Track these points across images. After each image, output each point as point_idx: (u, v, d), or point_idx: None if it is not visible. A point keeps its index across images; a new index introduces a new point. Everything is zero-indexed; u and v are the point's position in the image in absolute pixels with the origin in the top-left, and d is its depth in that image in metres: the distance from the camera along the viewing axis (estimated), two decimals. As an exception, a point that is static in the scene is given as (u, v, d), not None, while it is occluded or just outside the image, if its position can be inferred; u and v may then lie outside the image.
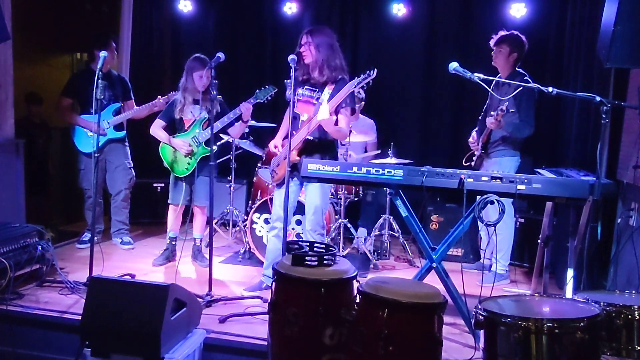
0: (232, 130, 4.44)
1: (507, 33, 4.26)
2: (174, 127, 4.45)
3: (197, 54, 4.38)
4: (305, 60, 3.71)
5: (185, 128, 4.40)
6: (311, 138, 3.72)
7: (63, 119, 5.00)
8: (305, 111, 3.77)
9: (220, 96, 4.39)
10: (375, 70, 3.41)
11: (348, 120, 3.75)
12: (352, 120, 3.84)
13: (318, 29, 3.75)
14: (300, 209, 4.17)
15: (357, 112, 5.12)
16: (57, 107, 4.91)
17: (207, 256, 3.88)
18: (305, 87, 3.77)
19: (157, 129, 4.44)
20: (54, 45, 6.22)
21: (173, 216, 4.54)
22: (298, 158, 3.60)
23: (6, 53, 4.40)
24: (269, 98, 4.23)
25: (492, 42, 4.28)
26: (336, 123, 3.66)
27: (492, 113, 3.98)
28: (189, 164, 4.39)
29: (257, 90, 4.23)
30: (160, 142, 4.46)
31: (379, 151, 5.36)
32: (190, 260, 4.66)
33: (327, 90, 3.68)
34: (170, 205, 4.54)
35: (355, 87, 3.47)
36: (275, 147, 3.89)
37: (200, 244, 4.65)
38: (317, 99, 3.70)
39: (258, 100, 4.21)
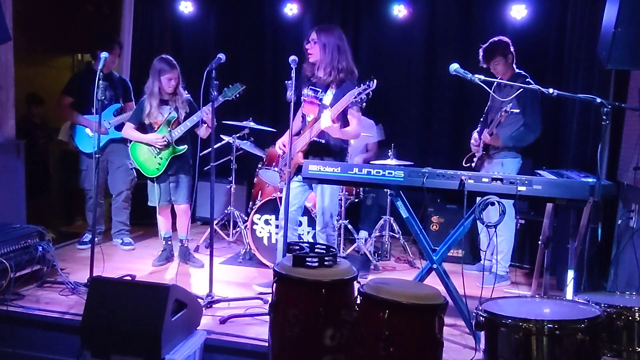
0: (199, 131, 4.30)
1: (490, 45, 4.21)
2: (144, 129, 4.42)
3: (164, 55, 4.35)
4: (310, 58, 3.73)
5: (155, 129, 4.37)
6: (316, 140, 3.73)
7: (64, 117, 5.01)
8: (310, 112, 3.79)
9: (189, 95, 4.39)
10: (375, 81, 3.37)
11: (358, 119, 3.70)
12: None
13: (327, 28, 3.75)
14: (305, 211, 4.21)
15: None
16: (58, 105, 4.91)
17: (204, 257, 3.86)
18: (310, 87, 3.78)
19: (129, 130, 4.42)
20: (55, 46, 6.23)
21: (160, 217, 4.55)
22: (303, 161, 3.61)
23: (7, 54, 4.41)
24: (237, 96, 4.21)
25: (483, 62, 4.24)
26: (346, 125, 3.68)
27: (487, 131, 3.98)
28: (159, 164, 4.37)
29: (225, 89, 4.19)
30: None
31: (382, 137, 5.34)
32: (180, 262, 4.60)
33: (330, 92, 3.69)
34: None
35: (354, 97, 3.44)
36: (284, 145, 3.86)
37: (188, 244, 4.61)
38: (321, 99, 3.71)
39: (226, 98, 4.18)
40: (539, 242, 3.77)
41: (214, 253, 3.82)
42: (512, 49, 4.21)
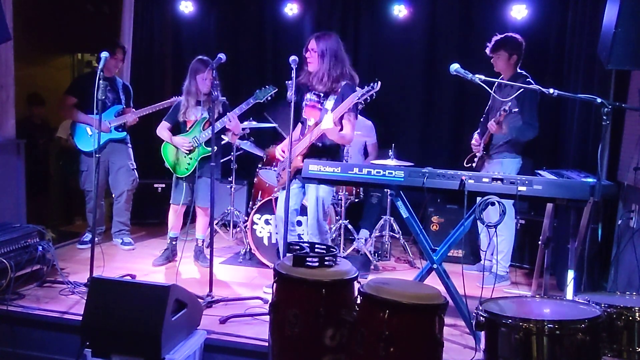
0: (227, 136, 4.46)
1: (502, 37, 4.22)
2: (178, 128, 4.48)
3: (200, 56, 4.39)
4: (309, 66, 3.74)
5: (187, 129, 4.43)
6: (315, 143, 3.73)
7: (67, 117, 5.01)
8: (311, 116, 3.79)
9: (224, 98, 4.41)
10: (379, 83, 3.39)
11: (352, 126, 3.73)
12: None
13: (324, 36, 3.74)
14: (303, 210, 4.19)
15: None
16: (62, 105, 4.92)
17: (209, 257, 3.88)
18: (313, 91, 3.79)
19: (162, 130, 4.48)
20: (55, 46, 6.23)
21: (174, 216, 4.56)
22: (302, 164, 3.61)
23: (7, 53, 4.41)
24: (269, 98, 4.23)
25: (488, 50, 4.25)
26: (341, 129, 3.68)
27: (494, 119, 3.98)
28: (189, 164, 4.40)
29: (257, 91, 4.23)
30: (161, 143, 4.49)
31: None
32: (193, 260, 4.66)
33: (332, 98, 3.70)
34: (171, 205, 4.56)
35: (358, 98, 3.46)
36: (283, 151, 3.89)
37: (202, 245, 4.65)
38: (323, 104, 3.73)
39: (258, 101, 4.21)
40: (539, 242, 3.77)
41: (214, 253, 3.83)
42: (521, 49, 4.19)
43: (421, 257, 4.52)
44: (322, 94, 3.74)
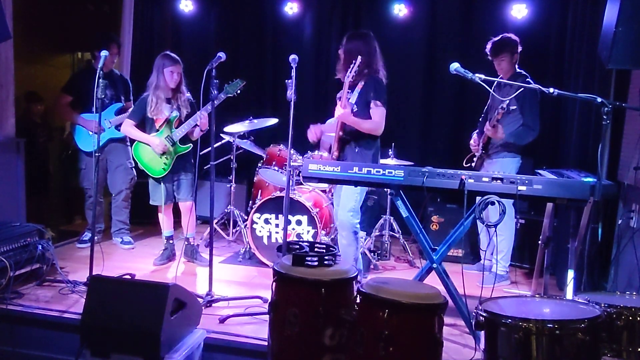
0: (193, 132, 4.39)
1: (500, 40, 4.22)
2: (145, 126, 4.42)
3: (166, 52, 4.38)
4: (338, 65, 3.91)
5: (157, 128, 4.37)
6: (343, 136, 3.83)
7: (61, 116, 5.00)
8: None
9: (189, 95, 4.39)
10: (360, 58, 3.63)
11: (380, 112, 3.75)
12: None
13: (354, 35, 3.96)
14: (304, 210, 4.25)
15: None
16: (57, 103, 4.92)
17: (206, 255, 3.87)
18: (347, 89, 3.88)
19: (129, 128, 4.41)
20: (55, 44, 6.22)
21: (162, 216, 4.55)
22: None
23: (7, 52, 4.41)
24: (239, 92, 4.21)
25: (490, 55, 4.25)
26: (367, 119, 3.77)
27: (489, 122, 3.97)
28: (165, 164, 4.37)
29: (226, 85, 4.17)
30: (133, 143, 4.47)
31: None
32: (188, 260, 4.65)
33: (356, 92, 3.80)
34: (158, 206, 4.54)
35: (347, 77, 3.62)
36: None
37: (194, 243, 4.63)
38: (348, 99, 3.81)
39: (228, 95, 4.18)
40: (539, 242, 3.77)
41: (213, 252, 3.82)
42: (519, 48, 4.21)
43: (421, 256, 4.53)
44: (350, 91, 3.82)
